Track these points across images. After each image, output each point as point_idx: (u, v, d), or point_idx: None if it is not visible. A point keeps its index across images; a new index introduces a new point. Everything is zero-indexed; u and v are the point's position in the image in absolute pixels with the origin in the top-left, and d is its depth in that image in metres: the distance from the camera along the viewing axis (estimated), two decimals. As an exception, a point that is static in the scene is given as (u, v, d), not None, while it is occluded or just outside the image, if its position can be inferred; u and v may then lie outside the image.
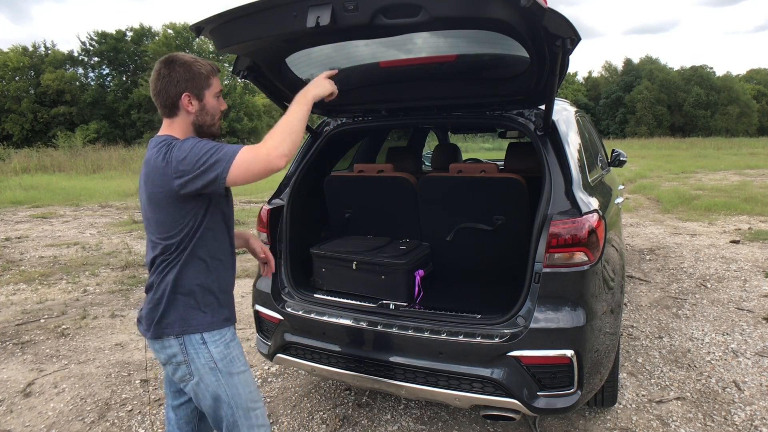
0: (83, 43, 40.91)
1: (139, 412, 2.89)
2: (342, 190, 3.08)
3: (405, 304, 2.48)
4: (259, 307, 2.65)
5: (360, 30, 1.77)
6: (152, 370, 3.36)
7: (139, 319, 1.72)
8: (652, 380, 3.11)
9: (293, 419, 2.80)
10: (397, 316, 2.30)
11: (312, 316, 2.42)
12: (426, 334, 2.15)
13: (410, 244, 2.85)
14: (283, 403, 2.98)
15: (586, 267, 2.01)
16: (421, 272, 2.62)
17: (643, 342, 3.65)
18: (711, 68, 51.32)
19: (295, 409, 2.90)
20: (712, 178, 13.95)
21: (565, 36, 1.72)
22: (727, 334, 3.76)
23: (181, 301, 1.61)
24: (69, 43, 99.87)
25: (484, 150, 15.49)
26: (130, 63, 40.50)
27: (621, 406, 2.82)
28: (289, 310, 2.50)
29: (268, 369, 3.40)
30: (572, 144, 2.35)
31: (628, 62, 55.04)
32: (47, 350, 3.71)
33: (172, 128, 1.64)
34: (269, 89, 2.46)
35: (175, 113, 1.63)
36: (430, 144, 5.97)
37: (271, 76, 2.35)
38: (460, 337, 2.10)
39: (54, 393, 3.11)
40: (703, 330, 3.84)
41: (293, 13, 1.67)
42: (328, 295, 2.62)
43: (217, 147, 1.52)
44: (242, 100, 36.05)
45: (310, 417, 2.81)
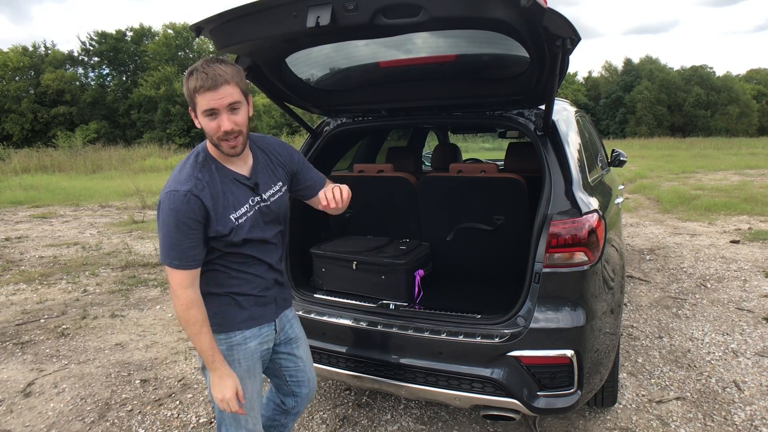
0: (83, 43, 41.04)
1: (139, 412, 2.89)
2: None
3: (405, 304, 2.48)
4: None
5: (360, 30, 1.77)
6: (152, 370, 3.36)
7: None
8: (652, 380, 3.11)
9: (293, 419, 2.81)
10: (397, 316, 2.30)
11: (312, 316, 2.42)
12: (426, 334, 2.16)
13: (410, 244, 2.85)
14: (283, 403, 2.98)
15: (586, 267, 2.01)
16: (421, 272, 2.62)
17: (643, 342, 3.65)
18: (711, 68, 51.40)
19: (295, 409, 2.91)
20: (712, 178, 13.95)
21: (565, 36, 1.72)
22: (727, 334, 3.77)
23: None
24: (69, 43, 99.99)
25: (484, 150, 15.49)
26: (130, 63, 40.57)
27: (621, 406, 2.82)
28: None
29: (268, 369, 3.37)
30: (572, 144, 2.35)
31: (628, 62, 55.03)
32: (47, 350, 3.71)
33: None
34: (269, 89, 2.47)
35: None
36: (430, 144, 5.97)
37: (271, 76, 2.36)
38: (460, 337, 2.10)
39: (54, 393, 3.11)
40: (703, 330, 3.84)
41: (293, 13, 1.67)
42: (328, 295, 2.62)
43: (160, 235, 1.54)
44: None
45: (310, 417, 2.81)
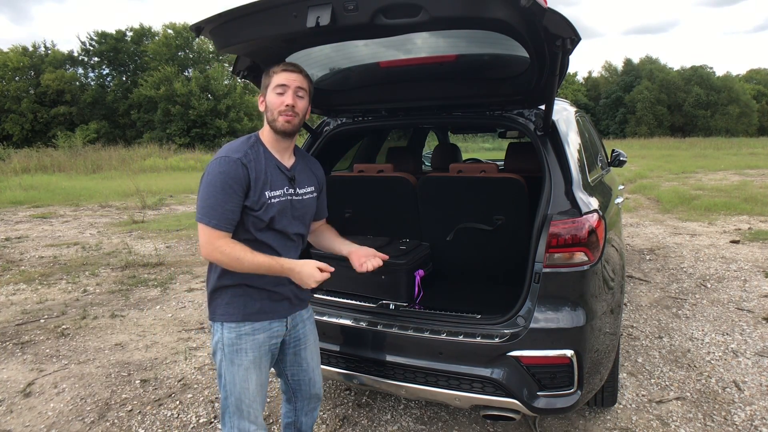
0: (83, 43, 40.96)
1: (139, 412, 2.89)
2: (342, 190, 3.07)
3: (405, 304, 2.47)
4: None
5: (360, 30, 1.77)
6: (152, 370, 3.36)
7: None
8: (652, 380, 3.11)
9: (293, 419, 2.80)
10: (397, 316, 2.30)
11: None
12: (426, 334, 2.15)
13: (410, 244, 2.85)
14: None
15: (586, 267, 2.01)
16: (421, 272, 2.62)
17: (643, 342, 3.65)
18: (711, 68, 51.33)
19: (295, 409, 2.90)
20: (712, 178, 13.95)
21: (565, 36, 1.72)
22: (727, 334, 3.77)
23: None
24: (69, 43, 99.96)
25: (484, 150, 15.50)
26: (130, 63, 40.53)
27: (621, 406, 2.82)
28: None
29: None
30: (572, 144, 2.35)
31: (628, 62, 55.06)
32: (47, 350, 3.71)
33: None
34: None
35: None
36: (430, 144, 5.98)
37: None
38: (460, 337, 2.10)
39: (54, 393, 3.11)
40: (703, 330, 3.84)
41: (293, 13, 1.67)
42: (327, 295, 2.61)
43: (202, 196, 1.65)
44: (242, 100, 35.96)
45: (310, 417, 2.81)
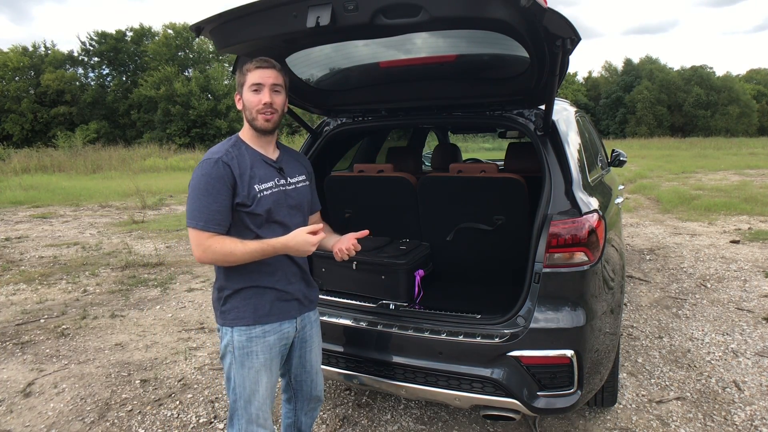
0: (83, 43, 40.94)
1: (139, 412, 2.89)
2: (342, 190, 3.08)
3: (405, 304, 2.47)
4: None
5: (360, 30, 1.77)
6: (152, 370, 3.36)
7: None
8: (652, 380, 3.11)
9: (293, 419, 2.80)
10: (397, 316, 2.30)
11: None
12: (426, 335, 2.15)
13: (410, 244, 2.85)
14: (283, 403, 2.97)
15: (586, 267, 2.01)
16: (421, 272, 2.62)
17: (643, 342, 3.65)
18: (711, 68, 51.25)
19: (295, 409, 2.90)
20: (712, 178, 13.95)
21: (565, 36, 1.72)
22: (727, 334, 3.77)
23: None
24: (69, 43, 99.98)
25: (484, 150, 15.48)
26: (130, 63, 40.54)
27: (621, 406, 2.82)
28: None
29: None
30: (572, 144, 2.35)
31: (627, 62, 55.00)
32: (47, 350, 3.71)
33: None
34: None
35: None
36: (430, 144, 5.97)
37: None
38: (460, 337, 2.10)
39: (54, 393, 3.11)
40: (703, 330, 3.84)
41: (293, 13, 1.68)
42: (327, 295, 2.61)
43: (189, 201, 1.65)
44: None
45: (310, 417, 2.81)
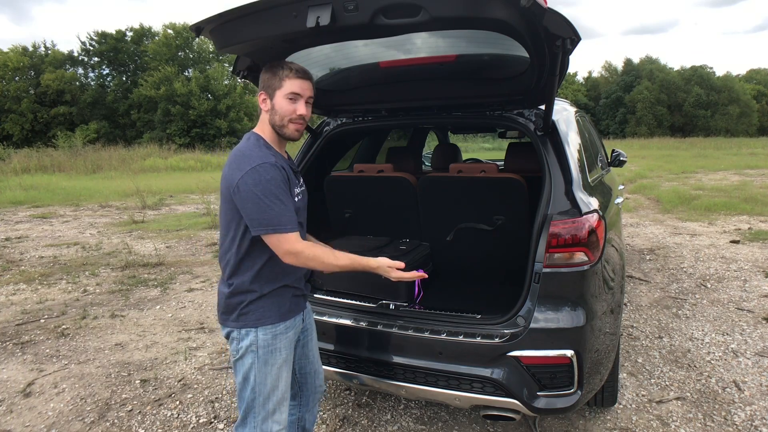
0: (83, 43, 40.93)
1: (139, 412, 2.89)
2: (342, 190, 3.08)
3: (405, 304, 2.47)
4: None
5: (360, 30, 1.77)
6: (152, 371, 3.36)
7: None
8: (652, 380, 3.11)
9: (293, 419, 2.80)
10: (397, 316, 2.30)
11: (314, 316, 2.41)
12: (426, 335, 2.15)
13: (410, 244, 2.84)
14: (283, 403, 2.97)
15: (586, 267, 2.01)
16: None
17: (643, 342, 3.65)
18: (711, 68, 51.25)
19: (295, 409, 2.90)
20: (712, 178, 13.95)
21: (565, 36, 1.72)
22: (727, 334, 3.77)
23: None
24: (69, 43, 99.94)
25: (484, 150, 15.49)
26: (130, 63, 40.53)
27: (621, 406, 2.82)
28: None
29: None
30: (572, 144, 2.35)
31: (628, 62, 55.01)
32: (47, 350, 3.71)
33: (260, 124, 1.81)
34: None
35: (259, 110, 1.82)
36: (430, 144, 5.97)
37: None
38: (460, 337, 2.09)
39: (54, 393, 3.11)
40: (703, 330, 3.84)
41: (293, 13, 1.67)
42: (328, 295, 2.61)
43: (261, 207, 1.62)
44: (242, 100, 35.98)
45: (310, 417, 2.81)
